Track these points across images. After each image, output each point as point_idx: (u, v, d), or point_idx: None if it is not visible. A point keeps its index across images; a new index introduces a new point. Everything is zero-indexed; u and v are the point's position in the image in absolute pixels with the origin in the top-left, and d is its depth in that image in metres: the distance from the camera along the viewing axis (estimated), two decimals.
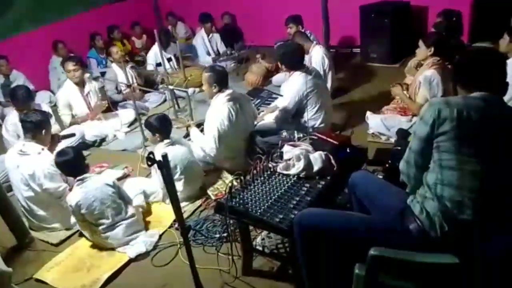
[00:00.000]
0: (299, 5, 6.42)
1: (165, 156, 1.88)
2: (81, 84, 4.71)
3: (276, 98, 4.95)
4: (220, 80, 3.41)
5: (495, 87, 1.79)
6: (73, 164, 2.87)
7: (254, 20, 7.25)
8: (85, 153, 3.60)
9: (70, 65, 4.58)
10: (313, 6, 6.44)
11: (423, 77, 3.51)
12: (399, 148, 2.96)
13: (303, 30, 5.36)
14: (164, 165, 1.91)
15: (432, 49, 3.55)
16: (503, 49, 3.61)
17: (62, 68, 4.92)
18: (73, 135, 4.13)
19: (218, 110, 3.39)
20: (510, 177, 1.73)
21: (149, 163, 1.90)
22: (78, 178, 2.86)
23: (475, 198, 1.71)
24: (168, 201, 3.17)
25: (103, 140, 4.71)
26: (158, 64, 5.82)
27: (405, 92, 3.89)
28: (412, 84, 3.74)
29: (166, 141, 3.24)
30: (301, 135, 3.28)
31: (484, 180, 1.71)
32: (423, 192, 1.83)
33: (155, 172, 3.23)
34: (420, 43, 3.67)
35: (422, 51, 3.64)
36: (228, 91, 3.45)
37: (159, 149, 3.16)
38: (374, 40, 5.83)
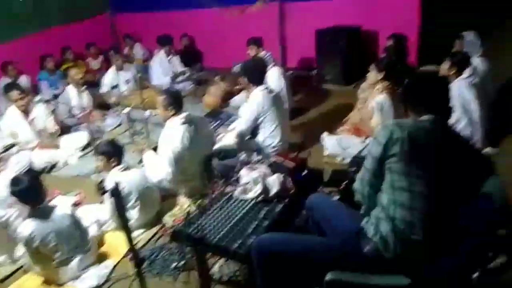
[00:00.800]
0: (257, 28, 6.53)
1: (117, 184, 1.81)
2: (26, 110, 4.50)
3: (235, 120, 4.94)
4: (175, 103, 3.38)
5: (442, 111, 1.89)
6: (29, 192, 2.68)
7: (213, 42, 7.30)
8: None
9: (15, 94, 4.39)
10: (271, 29, 6.61)
11: (375, 103, 3.63)
12: (354, 169, 3.01)
13: (262, 52, 5.46)
14: (117, 194, 1.84)
15: (383, 74, 3.69)
16: (444, 73, 3.81)
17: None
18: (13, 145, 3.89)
19: (173, 133, 3.34)
20: (456, 199, 1.80)
21: (101, 191, 1.83)
22: (32, 207, 2.69)
23: (425, 219, 1.77)
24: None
25: (53, 166, 4.49)
26: (115, 86, 5.71)
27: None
28: (365, 107, 3.86)
29: (120, 166, 3.14)
30: (260, 157, 3.29)
31: (432, 202, 1.77)
32: (377, 213, 1.87)
33: (109, 199, 3.12)
34: (372, 67, 3.81)
35: (373, 75, 3.78)
36: (183, 114, 3.42)
37: (113, 175, 3.05)
38: (329, 63, 6.01)
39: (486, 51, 4.52)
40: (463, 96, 3.63)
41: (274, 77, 4.82)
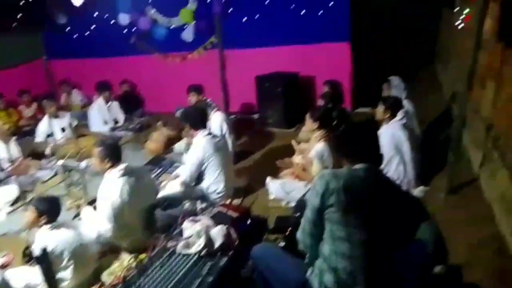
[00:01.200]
0: (199, 73, 6.62)
1: (44, 250, 1.68)
2: None
3: (178, 166, 4.86)
4: (112, 154, 3.26)
5: (373, 159, 1.97)
6: None
7: (155, 87, 7.28)
8: None
9: None
10: (212, 75, 6.72)
11: (315, 152, 3.74)
12: (297, 215, 3.04)
13: (203, 99, 5.50)
14: (44, 260, 1.70)
15: (318, 123, 3.84)
16: (379, 117, 4.04)
17: None
18: None
19: (111, 186, 3.21)
20: (393, 245, 1.86)
21: (26, 259, 1.68)
22: None
23: (366, 267, 1.80)
24: None
25: None
26: (50, 135, 5.44)
27: (298, 162, 4.09)
28: (306, 152, 3.96)
29: (52, 224, 2.90)
30: (204, 205, 3.24)
31: (371, 249, 1.81)
32: (320, 264, 1.88)
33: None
34: (307, 117, 3.94)
35: (309, 124, 3.92)
36: (122, 165, 3.30)
37: (42, 234, 2.83)
38: (270, 107, 6.19)
39: (410, 93, 4.89)
40: (396, 138, 3.85)
41: (217, 122, 4.86)
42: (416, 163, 3.94)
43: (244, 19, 6.41)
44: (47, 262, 1.70)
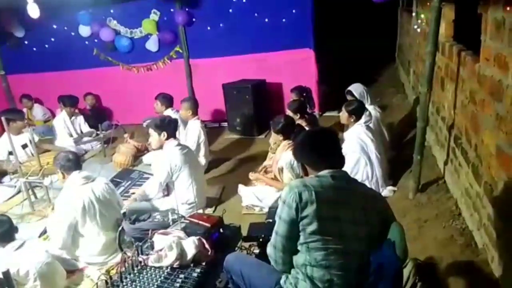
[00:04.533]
0: (165, 83, 6.56)
1: (6, 273, 1.60)
2: None
3: (148, 178, 4.77)
4: (68, 164, 3.23)
5: (336, 162, 1.97)
6: None
7: (120, 99, 7.14)
8: None
9: None
10: (179, 84, 6.68)
11: (284, 161, 3.75)
12: (270, 221, 3.03)
13: (171, 109, 5.45)
14: (7, 284, 1.62)
15: (281, 135, 3.88)
16: (344, 121, 4.13)
17: None
18: None
19: (71, 200, 3.14)
20: (367, 251, 1.86)
21: None
22: None
23: (343, 275, 1.80)
24: None
25: None
26: (11, 153, 5.20)
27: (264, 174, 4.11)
28: (274, 163, 3.98)
29: (12, 244, 2.78)
30: (175, 216, 3.18)
31: (347, 257, 1.82)
32: (294, 273, 1.87)
33: None
34: (271, 126, 3.97)
35: (273, 136, 3.97)
36: (82, 174, 3.25)
37: (4, 256, 2.70)
38: (238, 114, 6.18)
39: (374, 95, 5.01)
40: (361, 139, 3.93)
41: (195, 130, 4.83)
42: (383, 164, 4.03)
43: (208, 28, 6.40)
44: (10, 286, 1.60)
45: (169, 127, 3.80)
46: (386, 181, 4.04)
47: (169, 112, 5.28)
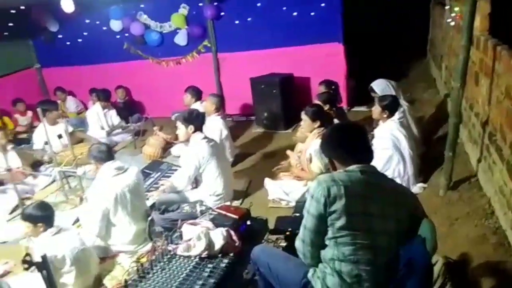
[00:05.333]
0: (194, 77, 6.63)
1: (44, 257, 1.68)
2: None
3: (176, 169, 4.86)
4: (101, 155, 3.36)
5: (365, 157, 1.95)
6: None
7: (150, 92, 7.27)
8: None
9: None
10: (207, 78, 6.74)
11: (313, 149, 3.72)
12: (297, 215, 3.04)
13: (200, 102, 5.52)
14: (44, 266, 1.70)
15: (317, 121, 3.83)
16: (376, 116, 4.05)
17: None
18: None
19: (103, 190, 3.26)
20: (396, 247, 1.84)
21: (26, 266, 1.68)
22: None
23: (371, 270, 1.79)
24: None
25: None
26: (47, 142, 5.41)
27: (296, 163, 4.08)
28: (303, 153, 3.96)
29: (50, 230, 2.91)
30: (203, 207, 3.24)
31: (376, 252, 1.80)
32: (322, 267, 1.87)
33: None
34: (304, 116, 3.90)
35: (307, 124, 3.89)
36: (115, 165, 3.37)
37: (43, 240, 2.83)
38: (266, 108, 6.19)
39: (404, 90, 4.89)
40: (394, 135, 3.86)
41: (216, 126, 4.86)
42: (415, 161, 3.95)
43: (236, 22, 6.42)
44: (47, 269, 1.68)
45: (196, 121, 3.86)
46: (416, 177, 3.96)
47: (197, 106, 5.35)
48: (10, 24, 6.52)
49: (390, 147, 3.82)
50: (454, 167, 3.67)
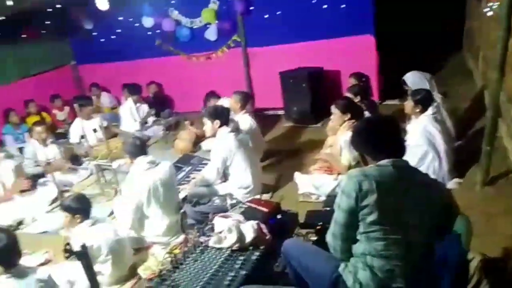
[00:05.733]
0: (223, 71, 6.69)
1: (84, 246, 1.75)
2: None
3: (207, 163, 4.93)
4: (135, 149, 3.45)
5: (397, 151, 1.91)
6: (5, 253, 2.43)
7: (181, 87, 7.38)
8: None
9: None
10: (237, 72, 6.78)
11: (343, 141, 3.69)
12: (328, 209, 3.03)
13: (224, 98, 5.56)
14: (84, 256, 1.77)
15: (348, 114, 3.79)
16: (408, 111, 3.96)
17: None
18: None
19: (136, 183, 3.36)
20: (430, 242, 1.82)
21: (67, 255, 1.75)
22: (6, 268, 2.46)
23: (404, 266, 1.77)
24: None
25: (20, 223, 4.29)
26: (83, 137, 5.61)
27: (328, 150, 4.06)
28: (334, 145, 3.93)
29: (87, 221, 3.02)
30: (234, 201, 3.28)
31: (409, 248, 1.78)
32: (354, 262, 1.86)
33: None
34: (334, 109, 3.87)
35: (338, 117, 3.85)
36: (147, 159, 3.46)
37: (80, 231, 2.95)
38: (295, 103, 6.17)
39: (438, 83, 4.75)
40: (428, 131, 3.75)
41: (246, 123, 4.89)
42: (450, 156, 3.84)
43: (266, 16, 6.41)
44: (87, 258, 1.76)
45: (221, 115, 3.91)
46: (451, 173, 3.85)
47: (224, 102, 5.40)
48: (48, 23, 6.75)
49: (424, 143, 3.72)
50: (492, 162, 3.55)
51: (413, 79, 4.37)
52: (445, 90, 5.87)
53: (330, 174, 4.03)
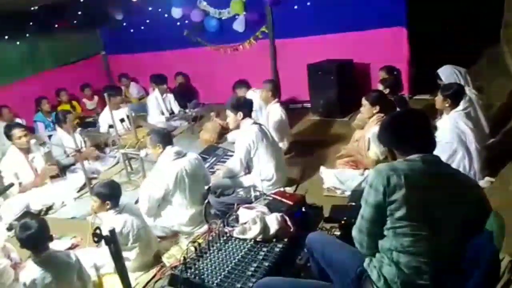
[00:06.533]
0: (250, 63, 6.66)
1: (112, 231, 1.78)
2: (26, 150, 4.51)
3: (231, 155, 4.94)
4: (162, 139, 3.49)
5: (427, 146, 1.86)
6: (36, 237, 2.56)
7: (207, 79, 7.41)
8: None
9: (18, 131, 4.43)
10: (263, 65, 6.74)
11: (372, 134, 3.62)
12: (353, 204, 2.99)
13: (253, 90, 5.54)
14: (112, 241, 1.80)
15: (378, 107, 3.72)
16: (438, 106, 3.84)
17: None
18: (11, 185, 4.03)
19: (163, 171, 3.40)
20: (459, 240, 1.76)
21: (96, 239, 1.79)
22: (37, 253, 2.58)
23: (431, 263, 1.72)
24: None
25: (49, 208, 4.43)
26: (111, 126, 5.73)
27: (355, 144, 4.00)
28: (361, 140, 3.86)
29: (116, 208, 3.08)
30: (257, 193, 3.27)
31: (437, 245, 1.73)
32: (379, 257, 1.82)
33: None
34: (364, 101, 3.81)
35: (367, 109, 3.79)
36: (174, 149, 3.50)
37: (108, 218, 3.01)
38: (322, 96, 6.08)
39: (473, 78, 4.58)
40: (459, 128, 3.64)
41: (277, 114, 4.87)
42: (481, 154, 3.70)
43: (295, 7, 6.33)
44: (115, 243, 1.79)
45: (244, 107, 3.92)
46: (483, 172, 3.72)
47: (250, 94, 5.39)
48: (80, 13, 6.89)
49: (455, 140, 3.61)
50: None
51: (447, 74, 4.24)
52: (480, 85, 5.67)
53: (356, 169, 3.97)
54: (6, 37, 6.13)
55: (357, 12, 5.97)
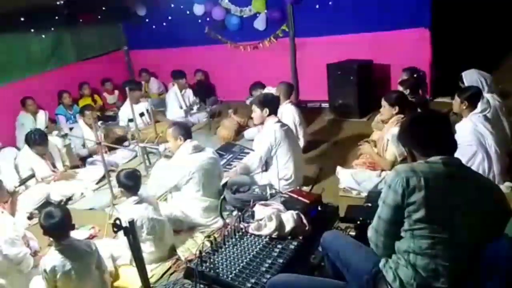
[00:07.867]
0: (269, 62, 6.66)
1: (131, 222, 1.82)
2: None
3: (248, 153, 4.96)
4: (184, 132, 3.57)
5: (448, 148, 1.84)
6: (60, 225, 2.62)
7: (227, 76, 7.44)
8: None
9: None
10: (283, 63, 6.74)
11: (391, 135, 3.59)
12: (369, 205, 2.96)
13: (267, 89, 5.54)
14: (131, 231, 1.84)
15: (397, 108, 3.69)
16: (456, 109, 3.79)
17: (30, 124, 4.84)
18: (32, 176, 4.13)
19: (182, 163, 3.45)
20: (478, 243, 1.74)
21: (115, 229, 1.83)
22: (58, 241, 2.64)
23: (449, 266, 1.70)
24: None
25: (69, 199, 4.53)
26: (131, 120, 5.81)
27: (373, 148, 3.97)
28: (380, 141, 3.83)
29: (133, 198, 3.13)
30: (273, 191, 3.28)
31: (456, 248, 1.71)
32: (395, 258, 1.81)
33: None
34: (383, 102, 3.78)
35: (387, 110, 3.76)
36: (193, 143, 3.57)
37: (126, 207, 3.07)
38: (341, 96, 6.05)
39: (496, 83, 4.48)
40: (478, 130, 3.58)
41: (289, 114, 4.86)
42: (502, 158, 3.64)
43: (316, 6, 6.30)
44: (134, 234, 1.82)
45: (271, 104, 3.90)
46: (503, 176, 3.65)
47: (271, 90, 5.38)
48: (103, 8, 7.00)
49: (474, 143, 3.55)
50: None
51: (471, 78, 4.17)
52: (503, 89, 5.55)
53: (373, 170, 3.93)
54: (32, 30, 6.27)
55: (379, 12, 5.91)
